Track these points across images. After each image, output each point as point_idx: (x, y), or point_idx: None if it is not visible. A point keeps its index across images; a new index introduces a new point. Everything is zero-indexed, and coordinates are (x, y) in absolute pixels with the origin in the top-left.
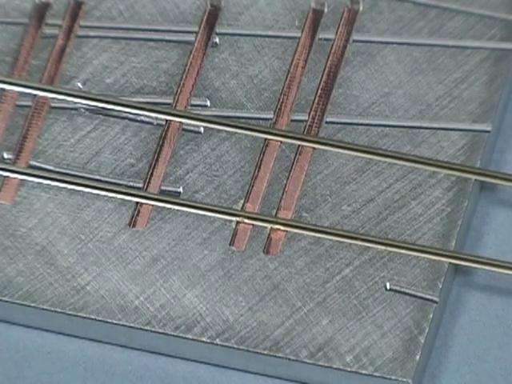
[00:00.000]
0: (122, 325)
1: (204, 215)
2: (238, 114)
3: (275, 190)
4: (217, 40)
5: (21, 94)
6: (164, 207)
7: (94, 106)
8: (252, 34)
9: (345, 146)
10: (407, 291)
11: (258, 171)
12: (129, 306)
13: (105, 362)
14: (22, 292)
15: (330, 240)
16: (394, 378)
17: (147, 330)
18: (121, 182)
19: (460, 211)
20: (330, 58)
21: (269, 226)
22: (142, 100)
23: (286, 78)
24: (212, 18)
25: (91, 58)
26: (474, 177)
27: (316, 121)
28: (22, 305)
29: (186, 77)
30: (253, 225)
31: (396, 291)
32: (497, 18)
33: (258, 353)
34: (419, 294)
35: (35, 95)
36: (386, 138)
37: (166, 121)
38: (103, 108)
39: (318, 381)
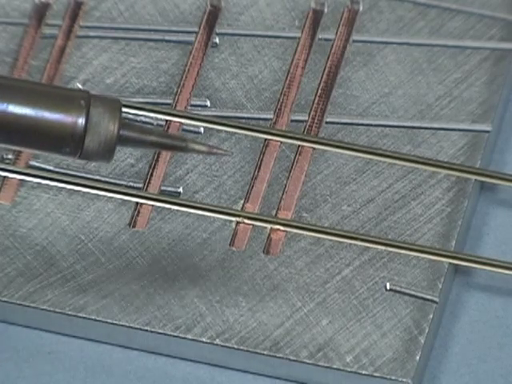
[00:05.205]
0: (122, 325)
1: (204, 215)
2: (238, 114)
3: (275, 190)
4: (217, 40)
5: None
6: (164, 207)
7: None
8: (252, 34)
9: (345, 146)
10: (407, 291)
11: (258, 171)
12: (129, 305)
13: (105, 362)
14: (22, 292)
15: (330, 240)
16: (393, 378)
17: (147, 330)
18: (121, 182)
19: (460, 211)
20: (330, 58)
21: (269, 226)
22: (141, 100)
23: (286, 78)
24: (212, 18)
25: (91, 58)
26: (474, 177)
27: (316, 121)
28: (21, 305)
29: (186, 77)
30: (253, 225)
31: (396, 291)
32: (497, 17)
33: (257, 353)
34: (419, 294)
35: None
36: (386, 138)
37: (166, 121)
38: None
39: (318, 381)
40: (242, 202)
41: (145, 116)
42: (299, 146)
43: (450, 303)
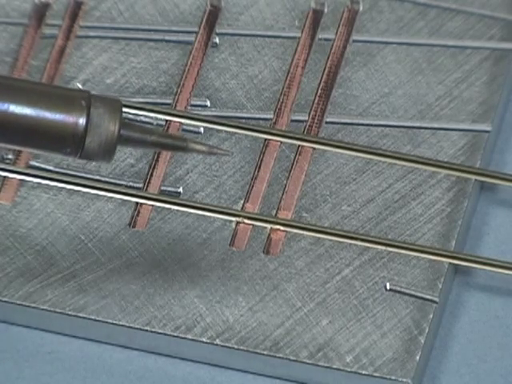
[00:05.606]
0: (122, 325)
1: (204, 215)
2: (238, 114)
3: (275, 190)
4: (217, 40)
5: None
6: (164, 207)
7: None
8: (252, 34)
9: (345, 146)
10: (407, 291)
11: (258, 171)
12: (129, 306)
13: (105, 362)
14: (22, 292)
15: (330, 240)
16: (393, 378)
17: (147, 330)
18: (121, 182)
19: (460, 211)
20: (330, 58)
21: (269, 226)
22: (141, 100)
23: (286, 78)
24: (212, 17)
25: (91, 58)
26: (474, 177)
27: (316, 121)
28: (22, 305)
29: (186, 77)
30: (253, 225)
31: (396, 291)
32: (497, 17)
33: (257, 353)
34: (419, 294)
35: None
36: (386, 138)
37: (166, 121)
38: None
39: (317, 381)
40: (241, 202)
41: (145, 116)
42: (299, 146)
43: (450, 303)
